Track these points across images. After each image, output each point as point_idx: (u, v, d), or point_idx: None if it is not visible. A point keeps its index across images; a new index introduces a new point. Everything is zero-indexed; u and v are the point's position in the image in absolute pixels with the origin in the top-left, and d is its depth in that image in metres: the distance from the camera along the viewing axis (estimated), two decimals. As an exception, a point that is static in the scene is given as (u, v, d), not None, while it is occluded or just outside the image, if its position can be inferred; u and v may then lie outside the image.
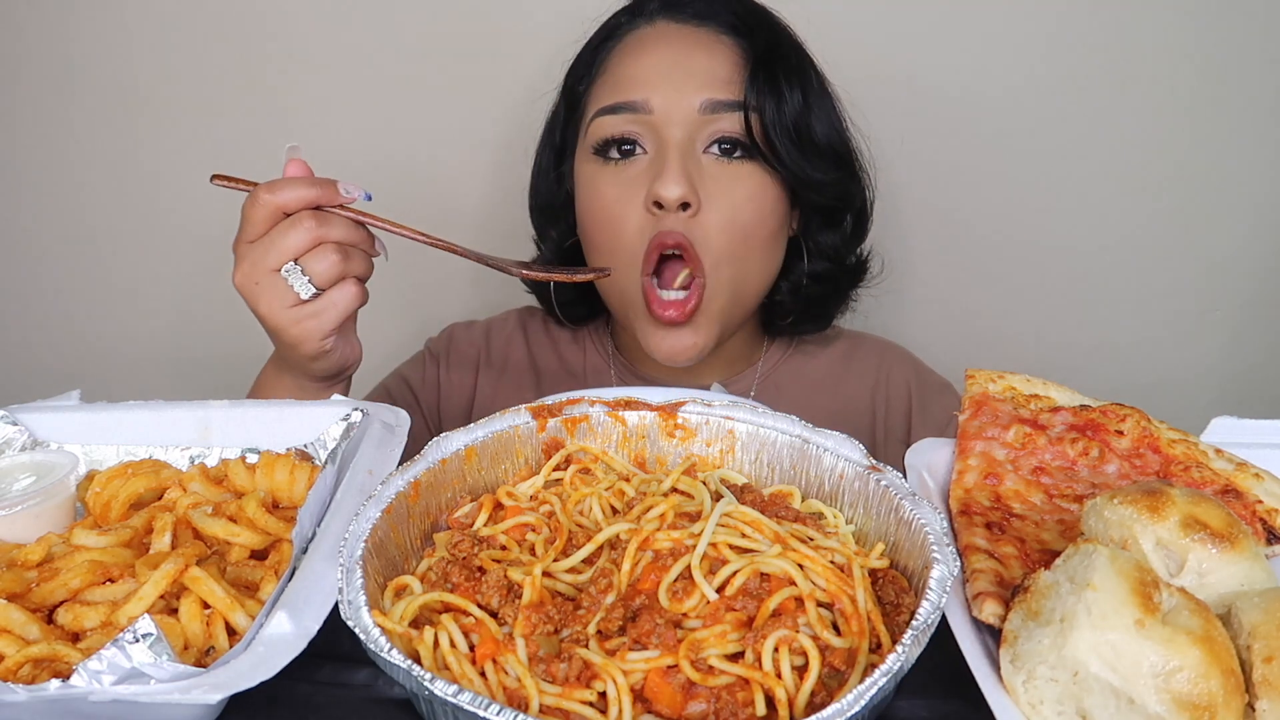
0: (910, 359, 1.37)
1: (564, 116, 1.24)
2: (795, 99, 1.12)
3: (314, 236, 0.91)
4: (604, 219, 1.14)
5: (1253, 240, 1.66)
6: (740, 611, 0.64)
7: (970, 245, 1.69)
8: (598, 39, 1.21)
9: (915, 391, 1.31)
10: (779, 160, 1.11)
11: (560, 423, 0.85)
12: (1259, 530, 0.79)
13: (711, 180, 1.11)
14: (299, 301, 0.93)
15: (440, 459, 0.78)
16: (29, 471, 0.85)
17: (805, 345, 1.35)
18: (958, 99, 1.59)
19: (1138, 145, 1.61)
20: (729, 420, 0.85)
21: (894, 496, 0.73)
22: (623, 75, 1.14)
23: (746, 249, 1.14)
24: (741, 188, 1.12)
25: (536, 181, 1.30)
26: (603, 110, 1.13)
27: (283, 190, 0.90)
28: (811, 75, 1.18)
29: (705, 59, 1.12)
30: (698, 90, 1.10)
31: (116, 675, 0.57)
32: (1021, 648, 0.60)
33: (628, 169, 1.13)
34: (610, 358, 1.34)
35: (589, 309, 1.33)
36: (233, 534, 0.76)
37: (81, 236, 1.76)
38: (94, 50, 1.63)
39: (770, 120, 1.10)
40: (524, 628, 0.63)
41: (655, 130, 1.11)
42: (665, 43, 1.13)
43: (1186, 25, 1.54)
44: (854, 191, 1.23)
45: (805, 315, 1.29)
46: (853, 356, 1.35)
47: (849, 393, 1.32)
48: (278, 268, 0.91)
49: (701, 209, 1.10)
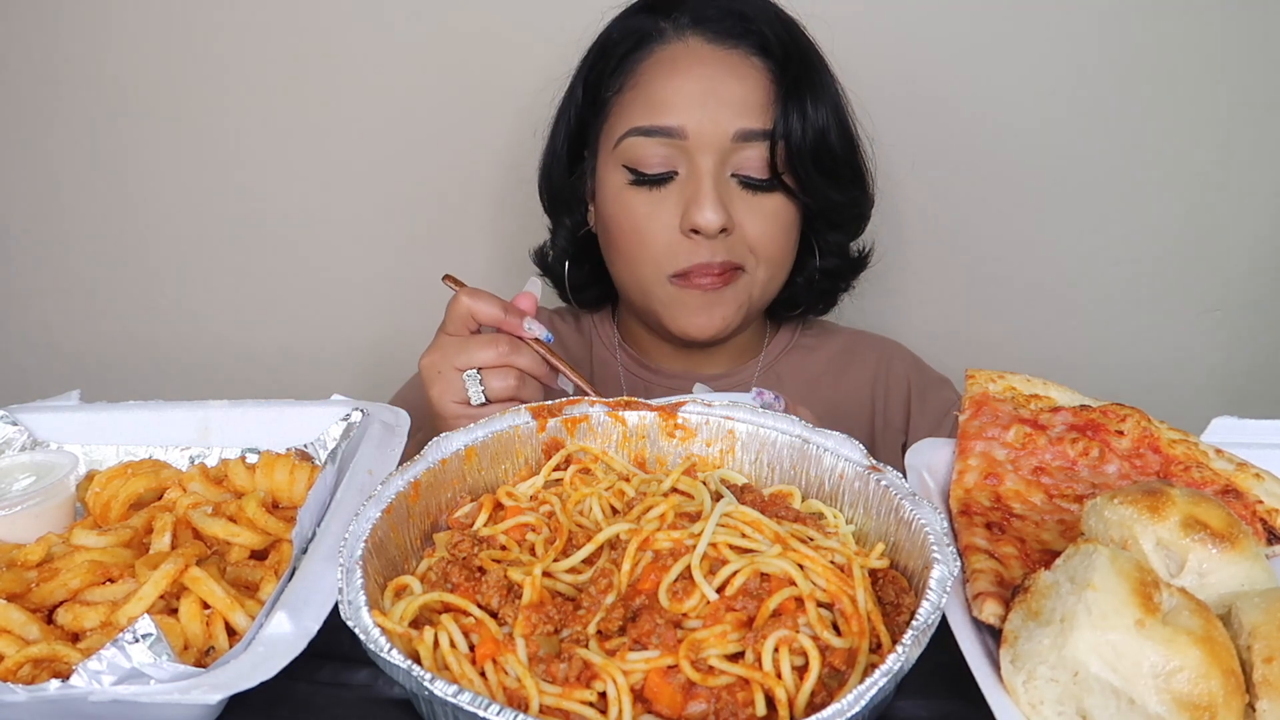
0: (910, 354, 1.40)
1: (582, 108, 1.24)
2: (820, 118, 1.15)
3: (502, 357, 0.98)
4: (633, 231, 1.18)
5: (1253, 240, 1.66)
6: (740, 611, 0.64)
7: (970, 245, 1.68)
8: (627, 46, 1.20)
9: (914, 383, 1.34)
10: (800, 189, 1.17)
11: (560, 423, 0.85)
12: (1259, 530, 0.79)
13: (741, 203, 1.16)
14: (467, 403, 0.99)
15: (440, 459, 0.78)
16: (29, 471, 0.85)
17: (806, 339, 1.38)
18: (957, 98, 1.59)
19: (1137, 145, 1.61)
20: (729, 420, 0.85)
21: (894, 496, 0.73)
22: (655, 96, 1.15)
23: (780, 253, 1.21)
24: (767, 205, 1.17)
25: (550, 166, 1.31)
26: (636, 130, 1.15)
27: (479, 303, 0.99)
28: (832, 89, 1.21)
29: (739, 86, 1.14)
30: (731, 120, 1.13)
31: (116, 675, 0.57)
32: (1022, 648, 0.60)
33: (660, 189, 1.16)
34: (616, 348, 1.36)
35: (600, 292, 1.36)
36: (233, 534, 0.76)
37: (82, 236, 1.76)
38: (94, 50, 1.63)
39: (796, 145, 1.14)
40: (524, 628, 0.63)
41: (688, 155, 1.14)
42: (700, 66, 1.15)
43: (1187, 25, 1.54)
44: (863, 201, 1.28)
45: (814, 303, 1.35)
46: (853, 351, 1.38)
47: (849, 385, 1.34)
48: (463, 369, 0.98)
49: (735, 230, 1.15)
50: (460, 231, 1.71)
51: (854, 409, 1.33)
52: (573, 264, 1.31)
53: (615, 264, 1.23)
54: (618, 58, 1.20)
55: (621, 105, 1.18)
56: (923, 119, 1.59)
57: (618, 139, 1.17)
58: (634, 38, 1.20)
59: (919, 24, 1.56)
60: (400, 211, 1.70)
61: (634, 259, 1.19)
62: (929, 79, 1.57)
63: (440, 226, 1.71)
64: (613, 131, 1.18)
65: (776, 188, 1.16)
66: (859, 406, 1.33)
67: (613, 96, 1.20)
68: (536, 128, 1.32)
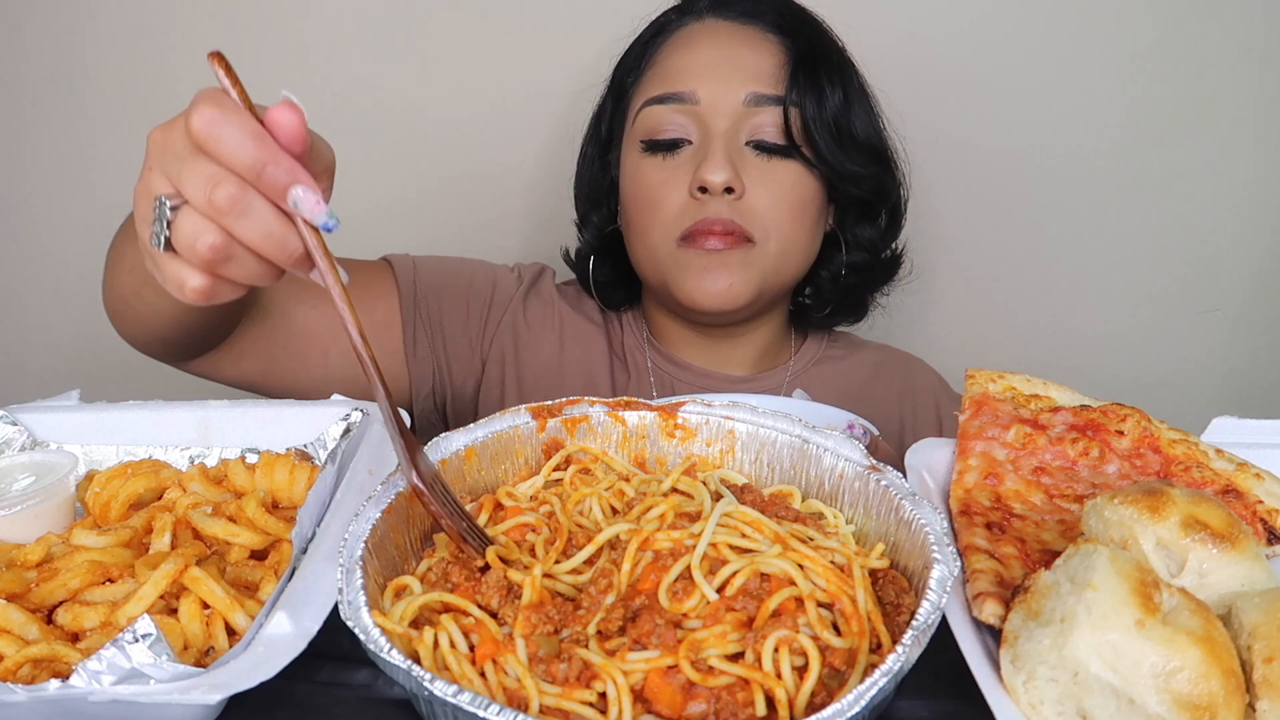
0: (935, 373, 1.41)
1: (611, 108, 1.29)
2: (836, 96, 1.17)
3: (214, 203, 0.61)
4: (646, 200, 1.18)
5: (1253, 240, 1.66)
6: (740, 612, 0.64)
7: (970, 245, 1.69)
8: (648, 34, 1.26)
9: (941, 403, 1.35)
10: (818, 156, 1.16)
11: (560, 423, 0.85)
12: (1259, 530, 0.79)
13: (754, 169, 1.16)
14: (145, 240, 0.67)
15: (440, 459, 0.78)
16: (29, 471, 0.85)
17: (835, 350, 1.38)
18: (956, 100, 1.59)
19: (1137, 144, 1.61)
20: (729, 420, 0.85)
21: (894, 496, 0.73)
22: (671, 67, 1.19)
23: (792, 228, 1.18)
24: (783, 176, 1.16)
25: (582, 169, 1.34)
26: (651, 100, 1.18)
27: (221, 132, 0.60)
28: (852, 75, 1.22)
29: (751, 54, 1.17)
30: (743, 84, 1.15)
31: (116, 675, 0.57)
32: (1022, 648, 0.60)
33: (673, 157, 1.17)
34: (644, 344, 1.35)
35: (626, 293, 1.35)
36: (232, 534, 0.76)
37: (82, 236, 1.75)
38: (97, 49, 1.63)
39: (811, 116, 1.15)
40: (524, 628, 0.63)
41: (701, 120, 1.16)
42: (713, 38, 1.18)
43: (1189, 26, 1.54)
44: (890, 186, 1.27)
45: (842, 306, 1.33)
46: (881, 365, 1.38)
47: (879, 399, 1.33)
48: (156, 192, 0.64)
49: (745, 195, 1.14)
50: (474, 239, 1.72)
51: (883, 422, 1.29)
52: (598, 259, 1.31)
53: (631, 240, 1.25)
54: (640, 45, 1.25)
55: (640, 86, 1.23)
56: (922, 120, 1.59)
57: (635, 113, 1.21)
58: (654, 28, 1.25)
59: (920, 25, 1.56)
60: (403, 216, 1.70)
61: (646, 228, 1.19)
62: (929, 82, 1.57)
63: (449, 232, 1.71)
64: (631, 110, 1.22)
65: (792, 155, 1.16)
66: (887, 421, 1.32)
67: (633, 83, 1.24)
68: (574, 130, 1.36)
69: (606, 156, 1.29)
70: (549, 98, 1.60)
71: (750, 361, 1.32)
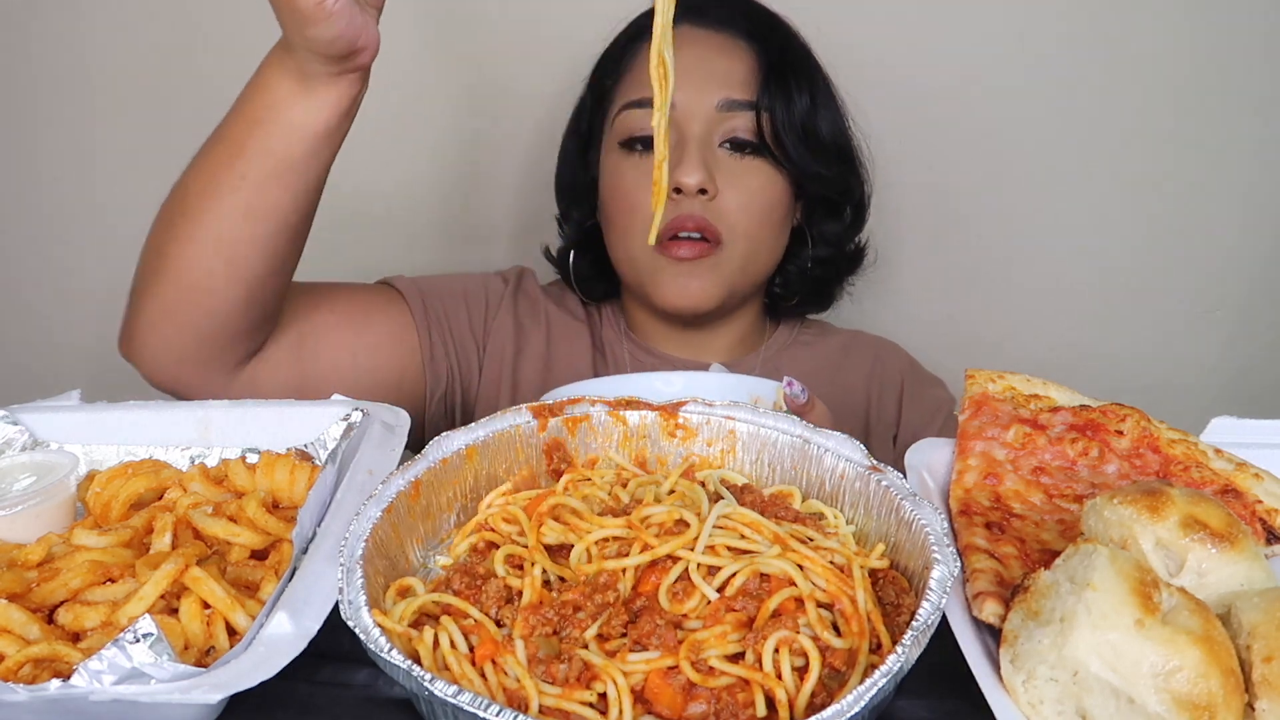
0: (905, 354, 1.45)
1: (590, 108, 1.33)
2: (803, 101, 1.22)
3: None
4: (624, 200, 1.23)
5: (1253, 240, 1.66)
6: (740, 612, 0.64)
7: (970, 245, 1.69)
8: (625, 38, 1.30)
9: (908, 380, 1.39)
10: (786, 157, 1.22)
11: (561, 422, 0.85)
12: (1259, 530, 0.79)
13: (726, 171, 1.21)
14: None
15: (441, 458, 0.78)
16: (29, 471, 0.85)
17: (806, 335, 1.42)
18: (957, 98, 1.59)
19: (1137, 144, 1.61)
20: (730, 420, 0.85)
21: (894, 497, 0.73)
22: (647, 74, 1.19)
23: (759, 229, 1.24)
24: (753, 179, 1.22)
25: (562, 167, 1.39)
26: (629, 104, 1.23)
27: None
28: (819, 79, 1.27)
29: (724, 61, 1.22)
30: (717, 90, 1.20)
31: (117, 675, 0.57)
32: (1021, 648, 0.60)
33: (650, 159, 1.21)
34: (623, 336, 1.39)
35: (607, 286, 1.38)
36: (233, 534, 0.76)
37: (82, 236, 1.76)
38: (98, 48, 1.63)
39: (780, 120, 1.20)
40: (523, 629, 0.63)
41: (676, 125, 1.20)
42: (688, 45, 1.21)
43: (1186, 23, 1.54)
44: (854, 185, 1.33)
45: (809, 297, 1.39)
46: (850, 349, 1.42)
47: (846, 381, 1.38)
48: None
49: (718, 195, 1.20)
50: (466, 234, 1.72)
51: (850, 404, 1.37)
52: (578, 254, 1.36)
53: (611, 240, 1.29)
54: (618, 49, 1.30)
55: (619, 89, 1.27)
56: (920, 119, 1.59)
57: (614, 116, 1.25)
58: (632, 30, 1.29)
59: (915, 24, 1.56)
60: (406, 212, 1.70)
61: (625, 230, 1.24)
62: (925, 79, 1.58)
63: (444, 228, 1.71)
64: (610, 112, 1.27)
65: (762, 152, 1.21)
66: (855, 402, 1.37)
67: (612, 85, 1.28)
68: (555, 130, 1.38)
69: (586, 154, 1.34)
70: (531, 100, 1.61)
71: (726, 350, 1.37)
